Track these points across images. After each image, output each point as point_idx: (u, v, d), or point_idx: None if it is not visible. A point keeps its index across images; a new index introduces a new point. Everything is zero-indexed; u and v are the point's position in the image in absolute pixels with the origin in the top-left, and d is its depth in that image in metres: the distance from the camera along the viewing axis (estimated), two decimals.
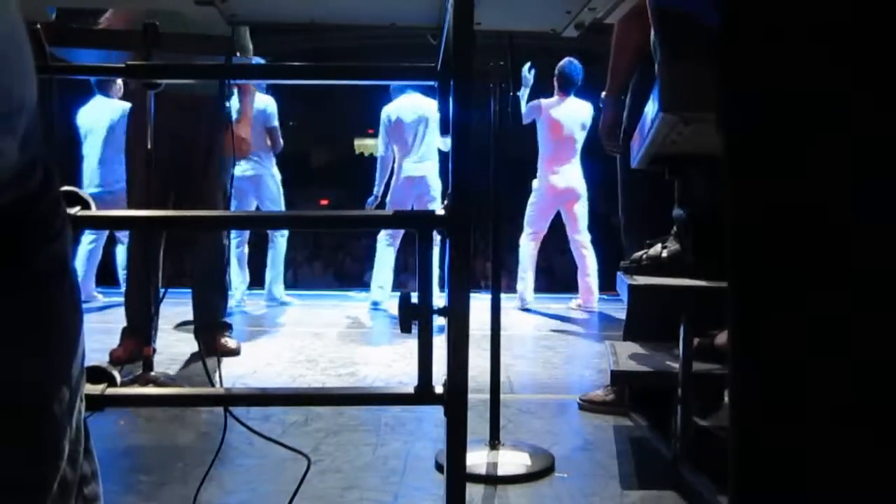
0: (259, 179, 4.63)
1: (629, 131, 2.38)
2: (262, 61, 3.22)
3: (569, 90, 4.78)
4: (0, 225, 0.56)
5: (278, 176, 4.73)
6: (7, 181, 0.54)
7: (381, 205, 4.78)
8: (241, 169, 4.55)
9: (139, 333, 2.84)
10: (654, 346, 2.10)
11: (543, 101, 4.80)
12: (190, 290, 3.28)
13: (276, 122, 4.65)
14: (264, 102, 4.61)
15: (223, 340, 3.27)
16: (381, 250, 4.85)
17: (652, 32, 1.55)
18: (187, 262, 3.27)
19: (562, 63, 4.78)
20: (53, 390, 0.62)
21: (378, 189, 4.80)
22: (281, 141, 4.71)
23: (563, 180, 4.81)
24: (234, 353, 3.29)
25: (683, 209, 1.75)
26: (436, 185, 4.66)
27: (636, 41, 2.35)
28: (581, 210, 4.89)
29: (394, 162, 4.75)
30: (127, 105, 4.64)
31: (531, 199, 4.93)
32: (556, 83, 4.81)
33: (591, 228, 4.94)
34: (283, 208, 4.77)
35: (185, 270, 3.44)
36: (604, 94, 2.58)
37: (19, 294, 0.59)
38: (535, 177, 4.94)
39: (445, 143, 4.66)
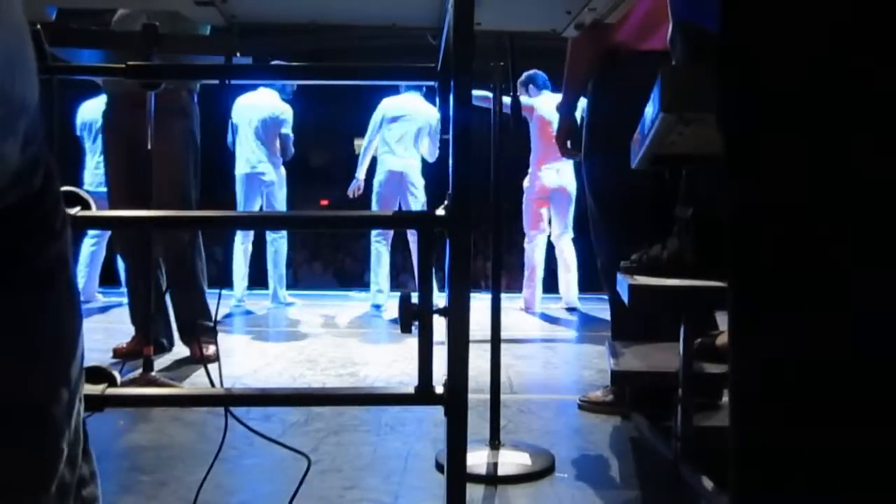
0: (271, 181, 4.68)
1: (588, 140, 2.41)
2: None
3: (539, 88, 4.81)
4: (1, 225, 0.56)
5: (284, 177, 4.79)
6: (9, 182, 0.55)
7: (365, 194, 4.92)
8: (251, 165, 4.58)
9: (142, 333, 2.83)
10: (653, 346, 2.10)
11: (528, 100, 4.80)
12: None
13: (287, 129, 4.71)
14: (279, 109, 4.66)
15: (201, 345, 3.06)
16: (375, 252, 4.88)
17: (670, 30, 1.57)
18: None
19: (524, 76, 4.84)
20: (52, 391, 0.62)
21: (359, 172, 4.95)
22: (291, 149, 4.76)
23: (553, 178, 4.81)
24: (210, 360, 2.86)
25: (686, 208, 1.75)
26: (417, 182, 4.74)
27: (589, 51, 2.37)
28: (571, 211, 4.90)
29: (377, 156, 4.84)
30: None
31: (524, 202, 4.94)
32: (526, 89, 4.84)
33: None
34: (284, 209, 4.79)
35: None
36: (557, 103, 2.61)
37: (19, 294, 0.59)
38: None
39: (432, 155, 4.73)
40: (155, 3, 2.07)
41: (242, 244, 4.81)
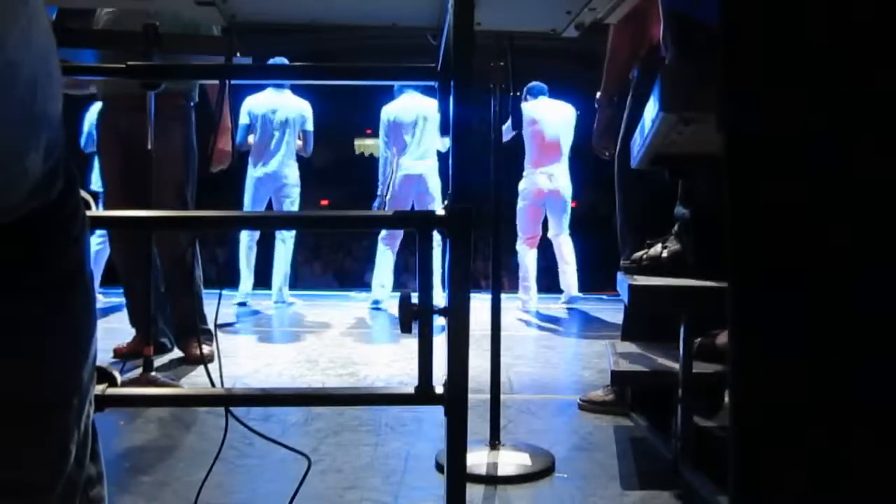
0: (281, 180, 4.67)
1: (629, 133, 2.39)
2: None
3: (536, 96, 4.86)
4: (23, 230, 0.57)
5: (298, 179, 4.79)
6: (31, 191, 0.56)
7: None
8: (268, 167, 4.59)
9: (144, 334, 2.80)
10: (654, 346, 2.10)
11: (524, 105, 4.81)
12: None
13: (310, 127, 4.73)
14: (300, 107, 4.69)
15: (201, 347, 3.04)
16: (381, 252, 4.86)
17: (661, 29, 1.56)
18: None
19: (527, 86, 4.89)
20: (64, 393, 0.62)
21: (382, 190, 4.81)
22: (311, 145, 4.78)
23: (549, 182, 4.82)
24: (207, 360, 2.98)
25: (685, 208, 1.75)
26: (434, 184, 4.69)
27: (632, 44, 2.36)
28: (567, 214, 4.93)
29: (394, 160, 4.77)
30: None
31: (519, 204, 4.94)
32: (525, 97, 4.86)
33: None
34: (297, 209, 4.79)
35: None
36: (598, 94, 2.59)
37: (38, 297, 0.60)
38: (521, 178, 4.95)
39: (444, 144, 4.68)
40: (155, 3, 2.07)
41: (248, 244, 4.81)
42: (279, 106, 4.62)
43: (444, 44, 1.39)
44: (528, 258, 4.95)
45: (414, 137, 4.68)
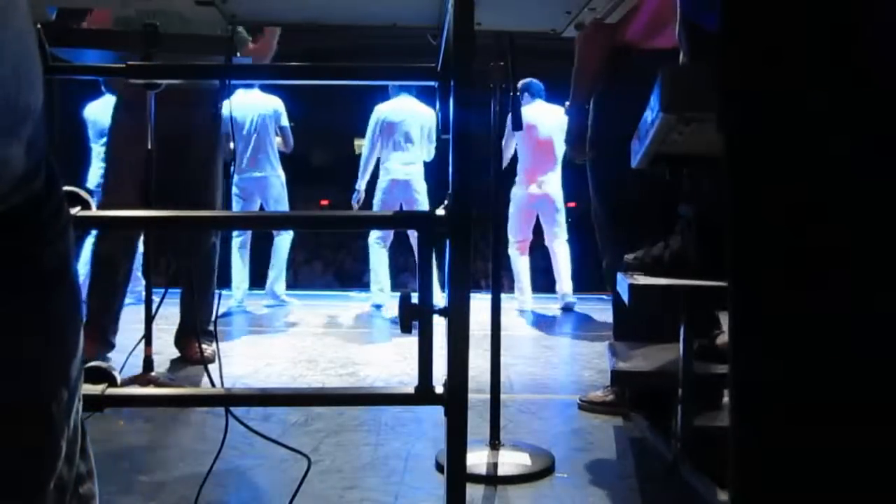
0: (265, 181, 4.65)
1: (595, 139, 2.39)
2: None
3: (534, 96, 4.82)
4: (4, 226, 0.57)
5: (283, 176, 4.75)
6: (14, 185, 0.55)
7: (367, 203, 4.86)
8: (250, 168, 4.57)
9: (96, 332, 2.79)
10: (653, 346, 2.10)
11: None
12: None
13: (286, 122, 4.69)
14: (273, 104, 4.65)
15: (198, 348, 2.90)
16: (374, 251, 4.86)
17: (676, 29, 1.57)
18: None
19: (521, 83, 4.79)
20: (53, 390, 0.62)
21: (360, 184, 4.88)
22: (292, 140, 4.75)
23: (540, 188, 4.81)
24: (208, 361, 2.79)
25: (688, 208, 1.75)
26: (420, 189, 4.70)
27: (599, 51, 2.35)
28: (560, 218, 4.91)
29: (379, 162, 4.79)
30: None
31: (510, 209, 4.89)
32: (521, 97, 4.82)
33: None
34: (287, 208, 4.78)
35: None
36: (567, 103, 2.58)
37: (21, 294, 0.60)
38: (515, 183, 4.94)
39: (430, 153, 4.70)
40: (155, 3, 2.07)
41: (240, 248, 4.78)
42: (251, 106, 4.57)
43: (444, 44, 1.39)
44: (519, 264, 4.92)
45: (403, 142, 4.69)
